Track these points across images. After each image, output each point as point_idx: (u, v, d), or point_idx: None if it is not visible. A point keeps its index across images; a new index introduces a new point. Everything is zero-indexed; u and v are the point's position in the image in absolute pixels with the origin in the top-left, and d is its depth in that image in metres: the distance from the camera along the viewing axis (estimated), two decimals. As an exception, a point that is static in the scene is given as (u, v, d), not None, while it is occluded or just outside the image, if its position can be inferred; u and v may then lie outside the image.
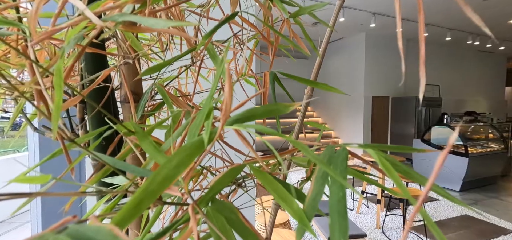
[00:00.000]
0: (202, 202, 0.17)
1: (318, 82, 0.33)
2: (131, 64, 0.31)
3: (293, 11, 0.39)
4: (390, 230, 3.33)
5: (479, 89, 10.07)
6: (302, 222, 0.15)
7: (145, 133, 0.20)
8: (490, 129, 5.56)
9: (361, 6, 5.44)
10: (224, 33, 0.46)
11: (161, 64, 0.24)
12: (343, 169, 0.16)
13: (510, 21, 6.43)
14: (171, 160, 0.13)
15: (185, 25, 0.15)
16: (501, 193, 4.76)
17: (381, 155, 0.16)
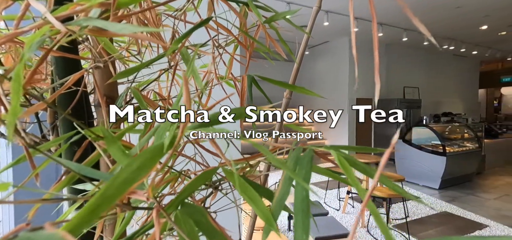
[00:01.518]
0: (172, 206, 0.17)
1: (295, 86, 0.34)
2: (106, 68, 0.30)
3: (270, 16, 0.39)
4: (374, 228, 3.42)
5: (455, 91, 10.61)
6: (268, 223, 0.15)
7: (114, 138, 0.19)
8: (466, 129, 5.86)
9: (344, 11, 5.60)
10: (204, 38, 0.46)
11: (133, 68, 0.24)
12: (308, 170, 0.17)
13: (481, 28, 6.85)
14: (130, 164, 0.13)
15: (152, 30, 0.15)
16: (476, 189, 5.03)
17: (340, 155, 0.17)
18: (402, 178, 3.75)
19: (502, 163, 6.91)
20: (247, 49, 0.32)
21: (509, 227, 3.42)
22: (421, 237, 3.16)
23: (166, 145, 0.14)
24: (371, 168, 0.19)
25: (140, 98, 0.26)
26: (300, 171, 0.17)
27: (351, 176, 0.16)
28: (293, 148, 0.21)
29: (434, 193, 4.83)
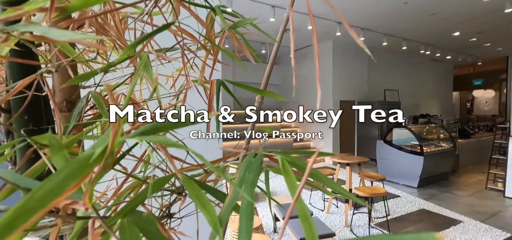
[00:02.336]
0: (119, 214, 0.16)
1: (264, 91, 0.35)
2: (64, 72, 0.29)
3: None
4: (357, 227, 3.50)
5: (432, 94, 11.16)
6: (215, 228, 0.15)
7: (60, 146, 0.19)
8: (441, 129, 6.17)
9: (327, 15, 5.74)
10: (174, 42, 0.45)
11: (89, 73, 0.23)
12: (256, 175, 0.17)
13: (454, 34, 7.26)
14: (58, 173, 0.12)
15: (94, 38, 0.15)
16: (452, 187, 5.29)
17: (284, 158, 0.18)
18: (383, 177, 3.87)
19: (475, 162, 7.32)
20: (211, 54, 0.32)
21: (480, 222, 3.63)
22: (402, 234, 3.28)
23: (96, 154, 0.14)
24: (318, 171, 0.20)
25: (101, 103, 0.26)
26: (248, 176, 0.17)
27: (291, 179, 0.16)
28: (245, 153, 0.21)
29: (413, 191, 5.03)
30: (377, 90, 9.01)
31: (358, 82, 8.50)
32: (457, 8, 5.46)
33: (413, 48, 8.42)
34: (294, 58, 0.15)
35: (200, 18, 0.27)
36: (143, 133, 0.17)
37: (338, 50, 7.89)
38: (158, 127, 0.18)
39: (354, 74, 8.38)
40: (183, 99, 0.44)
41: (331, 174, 4.19)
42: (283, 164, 0.16)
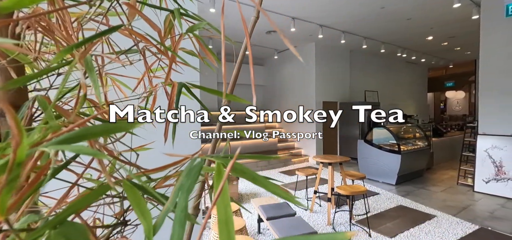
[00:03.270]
0: (48, 225, 0.15)
1: (228, 94, 0.34)
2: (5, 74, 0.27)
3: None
4: (339, 225, 3.58)
5: (408, 94, 11.71)
6: (147, 234, 0.14)
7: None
8: (417, 129, 6.49)
9: (309, 18, 5.85)
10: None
11: (27, 77, 0.22)
12: (193, 181, 0.16)
13: (427, 38, 7.67)
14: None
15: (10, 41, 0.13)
16: (427, 183, 5.57)
17: (220, 162, 0.17)
18: (363, 176, 4.00)
19: (447, 159, 7.77)
20: (167, 57, 0.31)
21: (452, 216, 3.85)
22: (380, 230, 3.40)
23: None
24: (258, 174, 0.20)
25: (46, 107, 0.24)
26: (186, 182, 0.16)
27: (218, 182, 0.16)
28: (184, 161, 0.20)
29: (391, 188, 5.24)
30: (358, 92, 9.31)
31: (340, 84, 8.74)
32: (429, 14, 5.77)
33: (391, 51, 8.80)
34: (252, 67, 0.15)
35: (151, 20, 0.26)
36: (61, 141, 0.16)
37: (320, 53, 8.07)
38: (81, 134, 0.17)
39: (336, 76, 8.60)
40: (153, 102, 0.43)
41: (314, 173, 4.26)
42: (219, 168, 0.16)
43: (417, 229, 3.45)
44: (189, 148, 1.26)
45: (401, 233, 3.32)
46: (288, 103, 9.26)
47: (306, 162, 8.19)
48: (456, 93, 13.91)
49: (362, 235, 3.29)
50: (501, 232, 3.35)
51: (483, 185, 4.85)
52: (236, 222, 2.79)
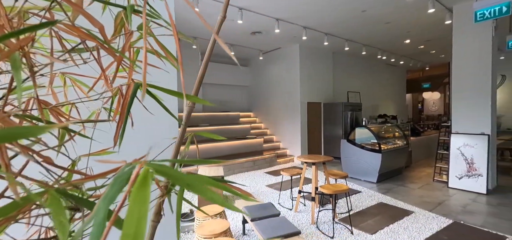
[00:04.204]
0: None
1: (189, 95, 0.32)
2: None
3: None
4: (323, 224, 3.64)
5: (389, 95, 12.16)
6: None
7: None
8: (396, 128, 6.75)
9: (293, 19, 5.92)
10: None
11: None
12: (117, 190, 0.15)
13: (405, 41, 8.00)
14: None
15: None
16: (405, 181, 5.80)
17: (149, 166, 0.16)
18: (346, 175, 4.09)
19: (424, 157, 8.14)
20: (115, 57, 0.29)
21: (429, 211, 4.03)
22: (362, 227, 3.49)
23: None
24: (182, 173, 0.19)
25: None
26: (110, 191, 0.15)
27: (140, 191, 0.15)
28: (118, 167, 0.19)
29: (373, 186, 5.41)
30: (341, 92, 9.54)
31: (324, 85, 8.92)
32: (407, 18, 6.03)
33: (372, 53, 9.10)
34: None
35: (91, 16, 0.24)
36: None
37: (304, 54, 8.19)
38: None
39: (320, 77, 8.76)
40: (117, 104, 0.40)
41: (299, 173, 4.31)
42: (145, 176, 0.14)
43: (396, 225, 3.58)
44: (167, 153, 1.22)
45: (381, 230, 3.43)
46: (273, 104, 9.32)
47: (291, 162, 8.27)
48: (432, 94, 14.62)
49: (344, 233, 3.36)
50: (472, 225, 3.55)
51: (456, 181, 5.12)
52: (220, 224, 2.76)
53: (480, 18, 3.28)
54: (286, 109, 8.74)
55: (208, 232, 2.58)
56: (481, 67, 4.90)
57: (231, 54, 0.22)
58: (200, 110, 8.96)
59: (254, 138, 8.51)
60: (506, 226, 3.49)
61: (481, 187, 4.82)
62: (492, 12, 3.17)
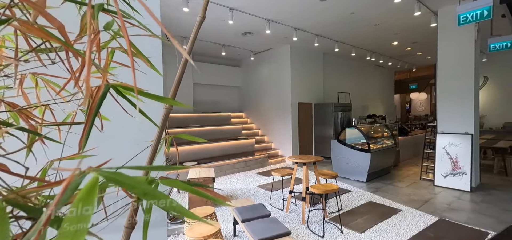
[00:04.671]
0: None
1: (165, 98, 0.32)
2: None
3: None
4: (313, 223, 3.67)
5: (377, 96, 12.40)
6: None
7: None
8: (385, 128, 6.89)
9: (284, 21, 5.95)
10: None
11: None
12: (64, 199, 0.14)
13: (393, 43, 8.19)
14: None
15: None
16: (393, 180, 5.93)
17: (100, 174, 0.15)
18: (336, 174, 4.14)
19: (412, 156, 8.34)
20: (77, 57, 0.27)
21: (416, 209, 4.13)
22: (351, 226, 3.54)
23: None
24: (139, 179, 0.18)
25: None
26: (59, 199, 0.14)
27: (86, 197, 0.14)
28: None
29: (362, 185, 5.49)
30: (331, 93, 9.66)
31: (315, 85, 9.00)
32: (394, 21, 6.17)
33: (361, 55, 9.26)
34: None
35: (50, 15, 0.23)
36: None
37: (295, 55, 8.24)
38: None
39: (311, 78, 8.84)
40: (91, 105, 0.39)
41: (289, 173, 4.33)
42: (92, 183, 0.14)
43: (384, 223, 3.64)
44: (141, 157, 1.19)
45: (370, 228, 3.49)
46: (264, 105, 9.33)
47: (283, 162, 8.30)
48: (419, 95, 15.01)
49: (334, 232, 3.40)
50: (457, 222, 3.66)
51: (442, 179, 5.27)
52: (210, 226, 2.73)
53: (463, 22, 3.40)
54: (277, 110, 8.77)
55: (198, 234, 2.55)
56: (464, 69, 5.07)
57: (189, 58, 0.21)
58: (191, 110, 8.87)
59: (246, 138, 8.50)
60: (488, 222, 3.61)
61: (465, 184, 4.98)
62: (474, 15, 3.29)
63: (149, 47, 0.93)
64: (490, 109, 9.44)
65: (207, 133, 8.33)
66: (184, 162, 6.75)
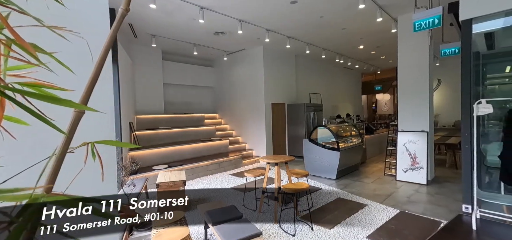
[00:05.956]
0: None
1: (64, 100, 0.28)
2: None
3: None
4: (285, 222, 3.72)
5: (346, 97, 13.04)
6: None
7: None
8: (353, 127, 7.25)
9: (255, 21, 5.98)
10: None
11: None
12: None
13: (359, 47, 8.66)
14: None
15: None
16: (361, 176, 6.26)
17: None
18: (307, 173, 4.25)
19: (377, 153, 8.89)
20: None
21: (379, 203, 4.39)
22: (322, 223, 3.66)
23: None
24: None
25: None
26: None
27: None
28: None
29: (332, 182, 5.72)
30: (304, 94, 9.93)
31: (288, 86, 9.18)
32: (359, 25, 6.52)
33: (331, 57, 9.66)
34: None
35: None
36: None
37: (268, 56, 8.33)
38: None
39: (284, 79, 9.01)
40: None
41: (262, 174, 4.35)
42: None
43: (352, 218, 3.82)
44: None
45: (339, 224, 3.63)
46: (238, 105, 9.29)
47: (257, 163, 8.33)
48: (384, 96, 16.08)
49: (305, 230, 3.48)
50: (415, 213, 3.97)
51: (402, 174, 5.69)
52: (179, 232, 2.64)
53: (418, 28, 3.71)
54: (251, 111, 8.79)
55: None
56: (420, 72, 5.53)
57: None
58: (162, 111, 8.52)
59: (220, 139, 8.38)
60: (441, 212, 3.97)
61: (422, 178, 5.42)
62: (427, 23, 3.61)
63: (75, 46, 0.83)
64: (443, 109, 10.43)
65: (179, 134, 8.07)
66: (154, 165, 6.45)
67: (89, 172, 0.63)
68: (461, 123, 3.64)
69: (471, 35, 3.46)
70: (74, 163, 0.52)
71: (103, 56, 0.31)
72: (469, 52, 3.47)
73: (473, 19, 3.45)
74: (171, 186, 4.33)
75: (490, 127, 4.01)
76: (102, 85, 1.00)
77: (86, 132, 0.90)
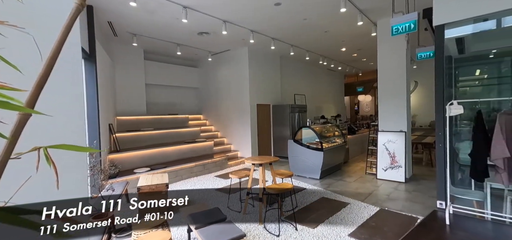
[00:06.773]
0: None
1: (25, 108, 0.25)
2: None
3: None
4: (270, 223, 3.73)
5: (330, 98, 13.33)
6: None
7: None
8: (336, 128, 7.42)
9: (240, 22, 5.96)
10: None
11: None
12: None
13: (341, 50, 8.89)
14: None
15: None
16: (344, 175, 6.41)
17: None
18: (291, 173, 4.29)
19: (359, 153, 9.15)
20: None
21: (361, 201, 4.52)
22: (305, 223, 3.70)
23: None
24: None
25: None
26: None
27: None
28: None
29: (316, 182, 5.81)
30: (288, 95, 10.03)
31: (273, 87, 9.24)
32: (341, 29, 6.70)
33: (314, 59, 9.84)
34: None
35: None
36: None
37: (253, 57, 8.34)
38: None
39: (269, 80, 9.05)
40: None
41: (247, 175, 4.33)
42: None
43: (334, 217, 3.90)
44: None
45: (322, 223, 3.69)
46: (223, 106, 9.22)
47: (242, 164, 8.30)
48: (365, 97, 16.60)
49: (289, 230, 3.50)
50: (394, 210, 4.12)
51: (382, 173, 5.89)
52: (161, 235, 2.57)
53: (396, 32, 3.87)
54: (236, 112, 8.75)
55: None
56: (398, 74, 5.77)
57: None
58: (144, 113, 8.28)
59: (204, 141, 8.27)
60: (418, 209, 4.15)
61: (401, 176, 5.65)
62: (404, 27, 3.77)
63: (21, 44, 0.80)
64: (420, 110, 10.94)
65: (163, 136, 7.87)
66: (136, 168, 6.24)
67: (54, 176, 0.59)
68: (435, 123, 3.83)
69: (444, 40, 3.66)
70: (45, 170, 0.49)
71: (53, 55, 0.29)
72: (442, 56, 3.66)
73: (445, 24, 3.64)
74: (153, 189, 4.21)
75: (462, 127, 4.25)
76: (71, 90, 0.94)
77: (52, 135, 0.84)
